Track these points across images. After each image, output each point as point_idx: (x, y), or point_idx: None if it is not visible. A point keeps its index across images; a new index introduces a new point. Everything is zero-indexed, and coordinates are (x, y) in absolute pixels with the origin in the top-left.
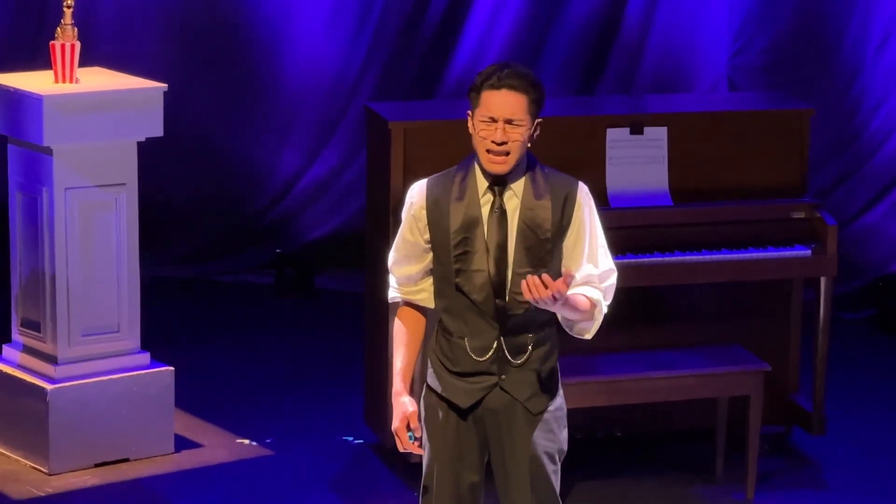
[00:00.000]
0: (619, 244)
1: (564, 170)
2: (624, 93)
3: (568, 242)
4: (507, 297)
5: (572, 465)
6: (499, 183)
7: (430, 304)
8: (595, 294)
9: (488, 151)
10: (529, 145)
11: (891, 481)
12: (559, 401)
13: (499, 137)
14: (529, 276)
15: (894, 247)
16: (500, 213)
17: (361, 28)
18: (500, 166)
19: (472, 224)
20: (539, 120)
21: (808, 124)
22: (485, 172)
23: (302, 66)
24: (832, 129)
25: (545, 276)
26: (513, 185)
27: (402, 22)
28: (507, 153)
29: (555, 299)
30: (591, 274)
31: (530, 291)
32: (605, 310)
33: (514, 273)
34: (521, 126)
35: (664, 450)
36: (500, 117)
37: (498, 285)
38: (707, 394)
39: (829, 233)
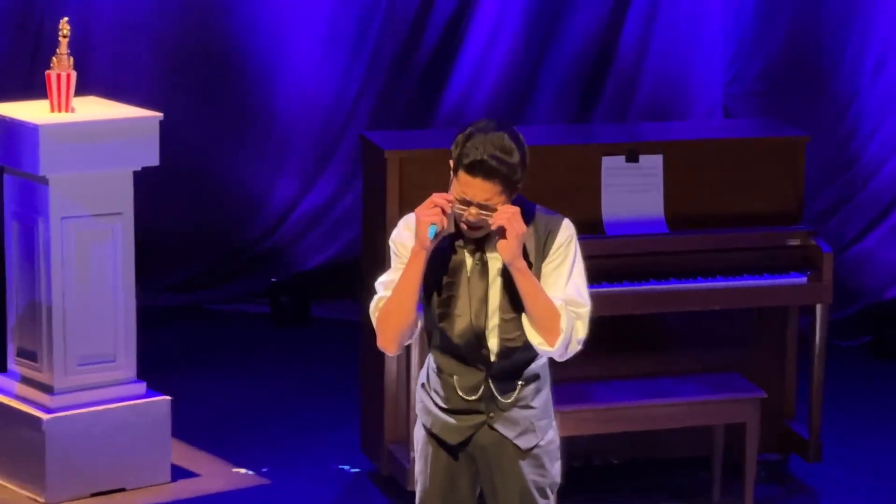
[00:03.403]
0: (615, 272)
1: (559, 197)
2: (619, 121)
3: (543, 269)
4: (488, 345)
5: (569, 493)
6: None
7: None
8: (557, 301)
9: (464, 221)
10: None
11: None
12: (551, 434)
13: (473, 219)
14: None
15: (890, 274)
16: (481, 265)
17: (356, 56)
18: (477, 234)
19: (455, 270)
20: (519, 187)
21: (804, 151)
22: None
23: (297, 95)
24: (827, 155)
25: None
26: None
27: (398, 50)
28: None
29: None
30: (558, 296)
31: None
32: (569, 325)
33: (501, 320)
34: (497, 206)
35: (661, 477)
36: (474, 200)
37: (479, 333)
38: (703, 421)
39: (824, 260)
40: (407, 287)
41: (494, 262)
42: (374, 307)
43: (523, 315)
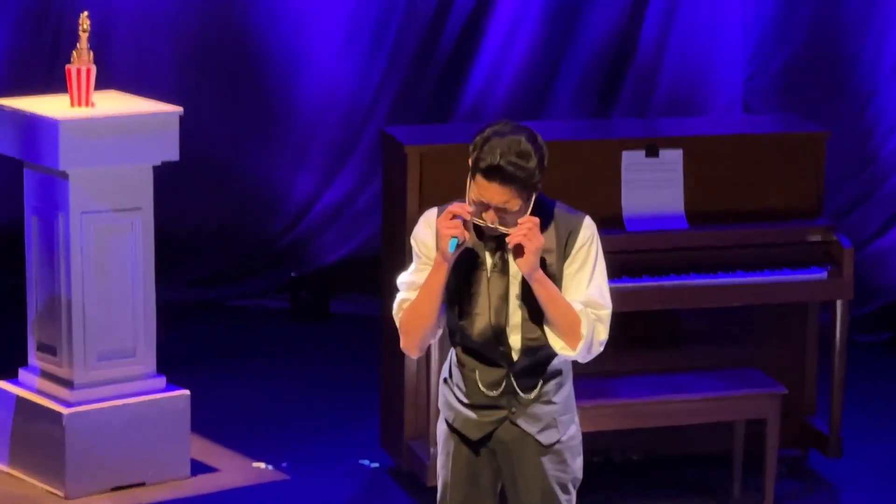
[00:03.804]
0: (635, 267)
1: (579, 192)
2: (639, 116)
3: (565, 269)
4: (509, 342)
5: (589, 489)
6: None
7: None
8: (577, 306)
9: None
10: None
11: None
12: (573, 429)
13: (490, 222)
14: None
15: None
16: (502, 264)
17: (376, 52)
18: (495, 233)
19: (476, 268)
20: (538, 187)
21: (824, 147)
22: None
23: (317, 90)
24: (847, 151)
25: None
26: None
27: (418, 46)
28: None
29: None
30: (580, 301)
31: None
32: (591, 330)
33: (522, 318)
34: (514, 210)
35: (681, 473)
36: (492, 203)
37: (498, 331)
38: (724, 417)
39: (844, 255)
40: (429, 296)
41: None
42: (398, 308)
43: (544, 321)
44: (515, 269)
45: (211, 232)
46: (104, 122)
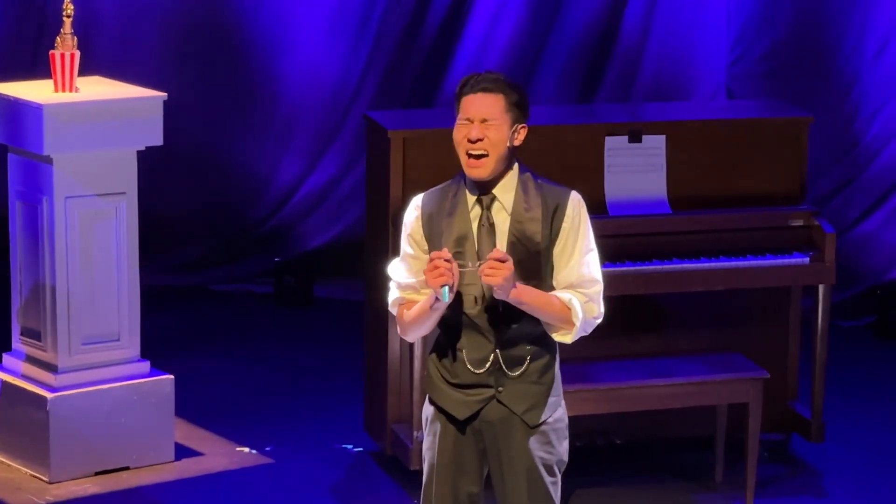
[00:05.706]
0: (618, 252)
1: (562, 177)
2: (622, 101)
3: (556, 250)
4: (497, 309)
5: (572, 473)
6: (486, 195)
7: None
8: (566, 296)
9: (468, 155)
10: (511, 145)
11: (889, 488)
12: (559, 412)
13: (473, 135)
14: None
15: (892, 254)
16: (487, 227)
17: (361, 37)
18: (479, 170)
19: (462, 239)
20: (521, 125)
21: (807, 132)
22: (472, 186)
23: (301, 75)
24: (830, 136)
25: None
26: (501, 198)
27: (402, 31)
28: (485, 154)
29: (502, 261)
30: (571, 281)
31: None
32: (582, 315)
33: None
34: (496, 125)
35: (664, 457)
36: (476, 118)
37: (490, 300)
38: (706, 401)
39: (827, 240)
40: (428, 322)
41: (500, 223)
42: (393, 303)
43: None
44: (502, 227)
45: (195, 217)
46: (88, 107)
